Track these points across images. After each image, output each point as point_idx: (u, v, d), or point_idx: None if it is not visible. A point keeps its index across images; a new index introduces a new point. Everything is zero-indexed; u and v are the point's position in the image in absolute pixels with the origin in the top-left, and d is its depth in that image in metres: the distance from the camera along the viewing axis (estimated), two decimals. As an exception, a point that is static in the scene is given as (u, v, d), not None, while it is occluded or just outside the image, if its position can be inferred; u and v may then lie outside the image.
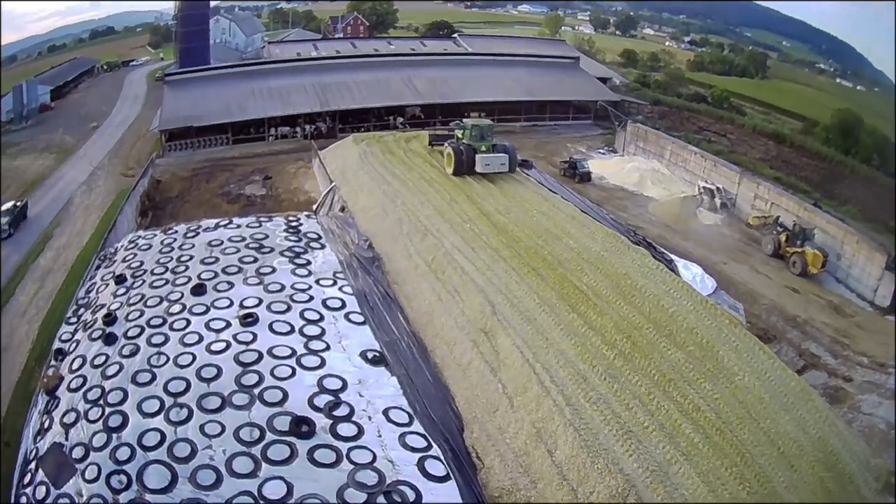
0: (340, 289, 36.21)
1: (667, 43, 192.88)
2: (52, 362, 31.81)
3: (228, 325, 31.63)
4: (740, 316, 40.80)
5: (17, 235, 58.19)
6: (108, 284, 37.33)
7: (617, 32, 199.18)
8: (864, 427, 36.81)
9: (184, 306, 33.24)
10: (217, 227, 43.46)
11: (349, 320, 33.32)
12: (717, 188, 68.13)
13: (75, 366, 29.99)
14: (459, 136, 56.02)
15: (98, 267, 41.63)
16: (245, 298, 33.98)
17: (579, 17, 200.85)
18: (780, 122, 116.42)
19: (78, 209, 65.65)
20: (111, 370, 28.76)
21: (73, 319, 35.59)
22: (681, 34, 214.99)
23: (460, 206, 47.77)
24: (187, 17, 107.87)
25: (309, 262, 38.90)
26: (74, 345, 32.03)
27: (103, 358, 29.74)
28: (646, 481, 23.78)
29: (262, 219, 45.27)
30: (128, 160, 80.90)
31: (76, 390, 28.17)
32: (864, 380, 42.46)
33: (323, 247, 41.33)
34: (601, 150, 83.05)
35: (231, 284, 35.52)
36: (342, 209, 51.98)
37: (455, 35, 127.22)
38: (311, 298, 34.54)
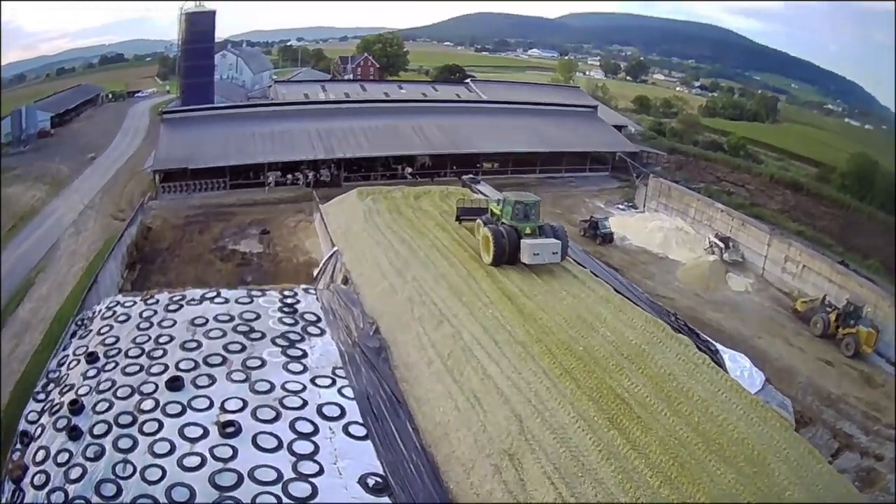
0: (340, 391, 30.60)
1: (677, 88, 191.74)
2: (18, 445, 28.03)
3: (206, 433, 26.61)
4: (789, 415, 36.58)
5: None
6: (79, 361, 32.65)
7: (628, 78, 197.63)
8: None
9: (157, 402, 28.30)
10: (203, 300, 38.10)
11: (348, 434, 27.85)
12: (729, 242, 64.76)
13: (39, 457, 26.14)
14: (497, 212, 46.28)
15: (73, 334, 36.84)
16: (227, 399, 28.70)
17: (590, 63, 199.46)
18: (795, 168, 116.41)
19: (63, 255, 61.48)
20: (74, 473, 24.80)
21: (42, 396, 31.39)
22: (691, 78, 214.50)
23: (479, 284, 41.33)
24: (192, 50, 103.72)
25: (304, 355, 33.10)
26: (40, 429, 28.08)
27: (67, 455, 25.76)
28: None
29: (254, 293, 39.46)
30: (120, 200, 77.11)
31: (40, 488, 24.67)
32: (892, 456, 38.90)
33: (322, 332, 35.76)
34: (620, 206, 77.87)
35: (212, 380, 30.21)
36: (345, 280, 45.85)
37: (467, 80, 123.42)
38: (305, 404, 28.98)
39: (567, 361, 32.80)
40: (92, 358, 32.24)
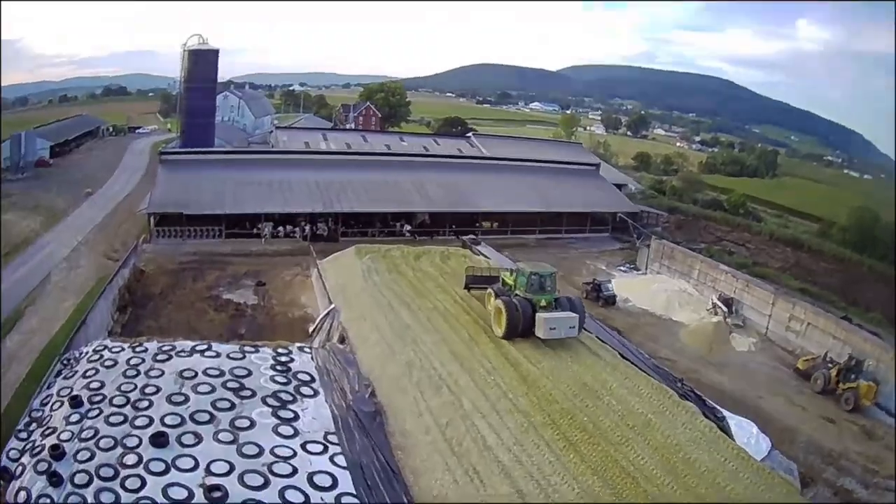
0: (332, 458, 28.90)
1: (678, 143, 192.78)
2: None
3: (191, 495, 25.21)
4: (794, 479, 35.79)
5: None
6: (62, 403, 31.86)
7: (628, 133, 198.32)
8: None
9: (140, 458, 26.97)
10: (193, 351, 36.84)
11: (341, 506, 26.21)
12: (732, 303, 64.64)
13: (21, 498, 25.60)
14: (510, 282, 43.93)
15: (58, 374, 36.12)
16: (213, 461, 27.22)
17: (591, 117, 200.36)
18: (795, 224, 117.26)
19: (54, 289, 60.33)
20: (56, 521, 23.87)
21: (24, 434, 30.63)
22: (692, 133, 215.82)
23: (482, 349, 39.74)
24: (194, 89, 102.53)
25: (296, 417, 31.62)
26: (20, 468, 27.46)
27: (48, 501, 25.08)
28: None
29: (246, 348, 38.09)
30: (114, 240, 76.37)
31: (19, 531, 23.87)
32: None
33: (315, 393, 34.32)
34: (622, 268, 77.14)
35: (199, 438, 28.79)
36: (341, 339, 44.15)
37: (469, 134, 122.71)
38: (295, 471, 27.40)
39: (571, 433, 31.49)
40: (76, 402, 31.30)
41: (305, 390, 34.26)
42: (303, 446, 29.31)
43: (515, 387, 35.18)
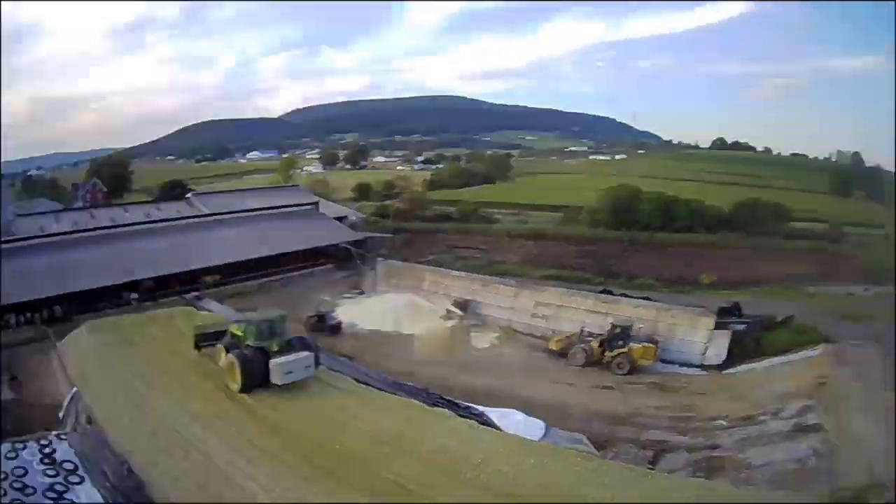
0: None
1: (398, 167, 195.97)
2: None
3: None
4: (587, 447, 38.45)
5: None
6: None
7: (347, 166, 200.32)
8: (773, 475, 36.10)
9: None
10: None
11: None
12: (468, 306, 67.70)
13: None
14: (239, 334, 42.12)
15: None
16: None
17: (308, 157, 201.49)
18: (535, 218, 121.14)
19: None
20: None
21: None
22: (413, 155, 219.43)
23: (218, 404, 39.19)
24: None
25: None
26: None
27: None
28: None
29: (17, 446, 35.60)
30: None
31: None
32: (735, 439, 41.49)
33: (82, 480, 33.08)
34: (347, 295, 78.07)
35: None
36: (89, 420, 41.97)
37: (188, 195, 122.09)
38: None
39: (326, 463, 31.78)
40: None
41: (73, 478, 32.94)
42: None
43: (258, 432, 35.13)
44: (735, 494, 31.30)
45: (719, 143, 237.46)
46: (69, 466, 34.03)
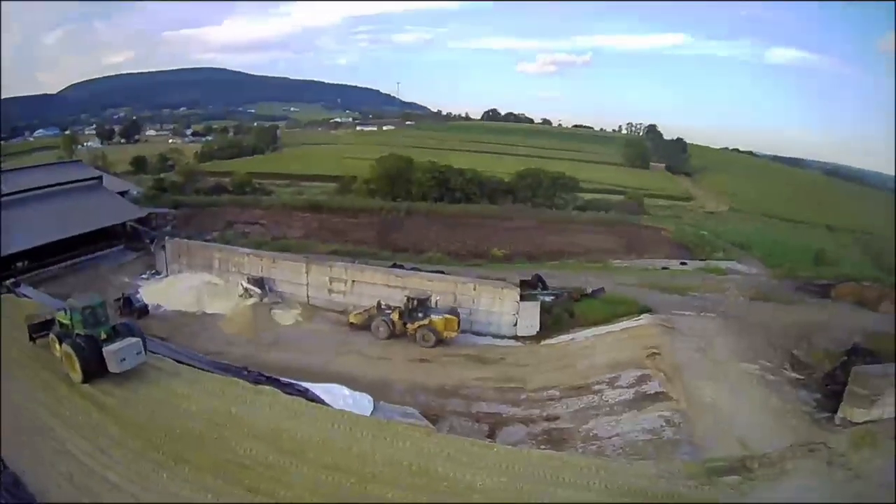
0: None
1: (170, 140, 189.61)
2: None
3: None
4: (420, 421, 37.99)
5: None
6: None
7: (122, 140, 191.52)
8: (626, 445, 36.51)
9: None
10: None
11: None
12: (264, 282, 64.86)
13: None
14: (66, 322, 40.14)
15: None
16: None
17: (87, 133, 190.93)
18: (311, 188, 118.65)
19: None
20: None
21: None
22: (182, 127, 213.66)
23: (58, 391, 37.39)
24: None
25: None
26: None
27: None
28: None
29: None
30: None
31: None
32: (572, 410, 41.57)
33: None
34: (144, 276, 73.60)
35: None
36: None
37: None
38: None
39: (173, 447, 31.34)
40: None
41: None
42: None
43: (104, 422, 33.86)
44: (595, 464, 31.65)
45: (491, 115, 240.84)
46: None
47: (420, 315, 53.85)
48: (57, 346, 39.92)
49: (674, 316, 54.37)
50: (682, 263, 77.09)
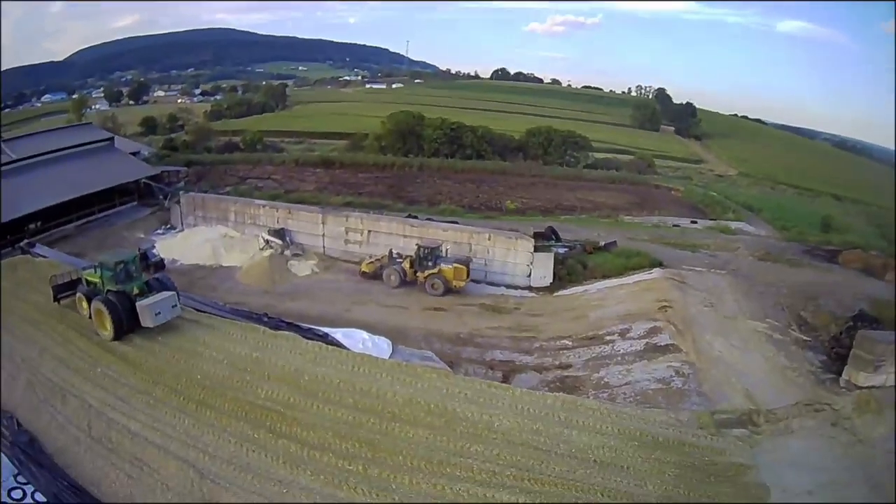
0: (34, 496, 27.35)
1: (179, 100, 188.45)
2: None
3: None
4: (437, 364, 38.27)
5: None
6: None
7: (131, 102, 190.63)
8: (637, 394, 37.18)
9: None
10: None
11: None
12: (284, 234, 65.34)
13: None
14: (94, 280, 39.70)
15: None
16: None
17: (95, 96, 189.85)
18: (321, 146, 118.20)
19: None
20: None
21: None
22: (190, 87, 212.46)
23: (75, 344, 37.26)
24: None
25: None
26: None
27: None
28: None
29: None
30: None
31: None
32: (584, 359, 42.27)
33: None
34: (160, 231, 74.21)
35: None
36: None
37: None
38: None
39: (194, 392, 31.77)
40: None
41: None
42: (10, 496, 27.41)
43: (125, 371, 34.06)
44: (607, 409, 32.12)
45: (500, 74, 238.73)
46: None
47: (430, 264, 54.46)
48: (84, 304, 39.65)
49: (684, 271, 55.08)
50: (693, 222, 77.60)
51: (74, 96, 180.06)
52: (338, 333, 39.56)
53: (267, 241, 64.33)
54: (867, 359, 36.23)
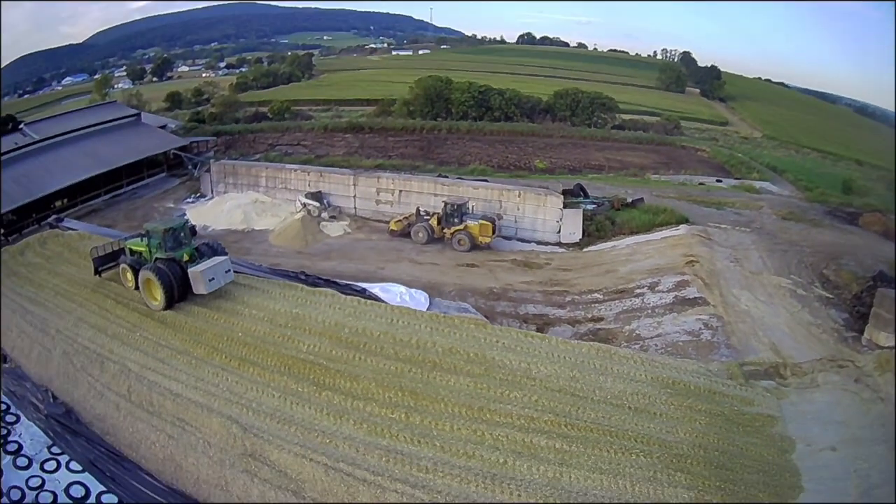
0: (68, 466, 27.40)
1: (203, 74, 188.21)
2: None
3: None
4: (477, 314, 39.35)
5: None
6: None
7: (154, 79, 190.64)
8: (667, 345, 37.86)
9: None
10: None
11: (102, 504, 25.63)
12: (321, 196, 65.85)
13: None
14: (140, 249, 39.17)
15: None
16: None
17: (117, 75, 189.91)
18: (349, 113, 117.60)
19: None
20: None
21: None
22: (215, 61, 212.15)
23: (112, 312, 37.62)
24: None
25: (20, 448, 28.41)
26: None
27: None
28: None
29: None
30: None
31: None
32: (615, 312, 43.01)
33: (17, 418, 30.71)
34: (189, 199, 74.66)
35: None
36: (4, 359, 37.18)
37: (21, 125, 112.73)
38: (56, 498, 26.11)
39: (236, 350, 32.45)
40: None
41: (9, 418, 30.71)
42: (42, 469, 27.46)
43: (164, 334, 34.61)
44: (640, 357, 33.20)
45: (527, 38, 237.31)
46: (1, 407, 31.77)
47: (456, 220, 55.33)
48: (129, 275, 39.29)
49: (710, 228, 55.77)
50: (718, 181, 77.68)
51: (97, 76, 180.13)
52: (375, 288, 40.31)
53: (304, 205, 64.72)
54: (887, 318, 37.08)
